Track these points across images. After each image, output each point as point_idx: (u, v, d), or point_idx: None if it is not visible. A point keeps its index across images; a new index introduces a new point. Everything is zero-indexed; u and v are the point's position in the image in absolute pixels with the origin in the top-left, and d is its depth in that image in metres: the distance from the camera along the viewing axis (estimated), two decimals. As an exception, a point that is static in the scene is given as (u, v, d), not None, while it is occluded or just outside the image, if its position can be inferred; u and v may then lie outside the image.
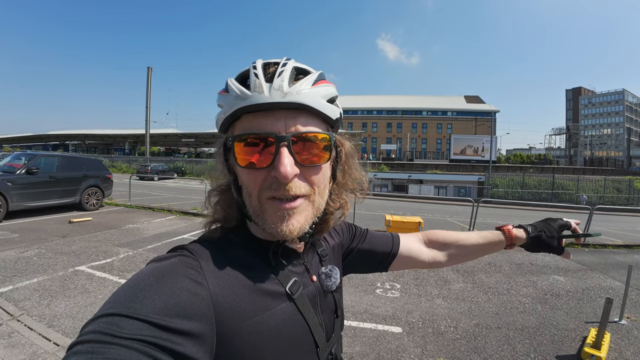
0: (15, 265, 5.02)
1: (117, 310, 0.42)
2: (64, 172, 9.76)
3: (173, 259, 0.52)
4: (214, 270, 0.53)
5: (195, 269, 0.51)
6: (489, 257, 6.85)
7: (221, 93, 0.59)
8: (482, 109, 64.51)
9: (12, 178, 8.38)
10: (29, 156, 9.41)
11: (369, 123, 70.56)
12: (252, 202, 0.57)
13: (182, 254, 0.54)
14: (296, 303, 0.60)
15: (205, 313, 0.47)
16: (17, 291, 4.09)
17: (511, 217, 15.57)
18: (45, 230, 7.36)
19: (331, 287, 0.71)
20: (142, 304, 0.43)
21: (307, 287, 0.65)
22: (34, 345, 2.99)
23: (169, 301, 0.44)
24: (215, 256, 0.56)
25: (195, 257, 0.54)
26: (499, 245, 0.96)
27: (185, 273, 0.49)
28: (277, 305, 0.57)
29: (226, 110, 0.57)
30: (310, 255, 0.72)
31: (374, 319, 3.87)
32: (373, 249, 0.91)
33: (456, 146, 49.20)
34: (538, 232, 0.95)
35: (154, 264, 0.51)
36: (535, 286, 5.23)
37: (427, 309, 4.16)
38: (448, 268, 5.94)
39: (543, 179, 33.40)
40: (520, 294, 4.85)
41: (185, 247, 0.56)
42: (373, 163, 44.94)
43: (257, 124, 0.55)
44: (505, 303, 4.48)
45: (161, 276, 0.48)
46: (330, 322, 0.71)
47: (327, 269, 0.72)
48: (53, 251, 5.83)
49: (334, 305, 0.73)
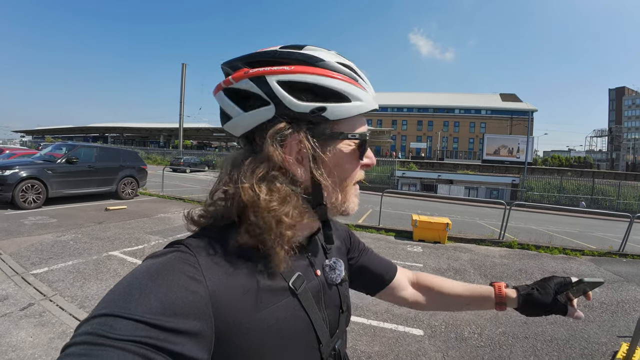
0: (52, 248, 5.32)
1: (111, 311, 0.41)
2: (102, 162, 10.27)
3: (169, 255, 0.50)
4: (213, 265, 0.51)
5: (192, 265, 0.49)
6: (520, 263, 6.60)
7: (352, 83, 0.58)
8: (519, 108, 61.87)
9: (52, 167, 8.93)
10: (69, 146, 9.98)
11: (399, 120, 69.40)
12: (347, 190, 0.61)
13: (179, 249, 0.52)
14: (299, 298, 0.59)
15: (203, 311, 0.46)
16: (52, 273, 4.34)
17: (546, 223, 14.89)
18: (82, 217, 7.76)
19: (335, 279, 0.69)
20: (137, 303, 0.42)
21: (310, 281, 0.64)
22: (64, 325, 3.14)
23: (165, 300, 0.43)
24: (213, 251, 0.53)
25: (192, 252, 0.51)
26: (486, 301, 0.89)
27: (181, 270, 0.48)
28: (279, 300, 0.56)
29: (366, 107, 0.59)
30: (314, 248, 0.70)
31: (395, 319, 3.81)
32: (370, 267, 0.90)
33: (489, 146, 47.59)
34: (530, 289, 0.85)
35: (150, 261, 0.50)
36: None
37: (451, 313, 4.03)
38: (475, 272, 5.78)
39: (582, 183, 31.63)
40: (551, 303, 4.60)
41: (182, 242, 0.54)
42: (402, 161, 44.22)
43: (364, 122, 0.62)
44: (535, 312, 4.27)
45: (157, 274, 0.46)
46: (335, 317, 0.69)
47: (331, 261, 0.71)
48: (89, 236, 6.14)
49: (338, 300, 0.71)
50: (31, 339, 2.87)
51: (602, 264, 7.01)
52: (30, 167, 8.49)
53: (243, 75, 0.55)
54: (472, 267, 6.09)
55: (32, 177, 8.34)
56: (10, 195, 7.91)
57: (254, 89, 0.54)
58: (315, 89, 0.54)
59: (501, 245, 8.02)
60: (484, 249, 7.69)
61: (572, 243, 9.17)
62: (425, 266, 5.93)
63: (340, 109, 0.56)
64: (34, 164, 8.82)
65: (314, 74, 0.54)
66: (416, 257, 6.50)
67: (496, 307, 0.87)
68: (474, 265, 6.18)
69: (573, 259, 7.36)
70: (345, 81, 0.56)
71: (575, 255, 7.62)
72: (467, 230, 9.92)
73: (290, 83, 0.54)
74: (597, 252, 7.89)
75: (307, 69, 0.54)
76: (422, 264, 6.07)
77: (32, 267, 4.47)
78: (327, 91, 0.55)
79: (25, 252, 5.04)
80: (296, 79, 0.54)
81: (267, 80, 0.53)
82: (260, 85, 0.54)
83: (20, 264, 4.57)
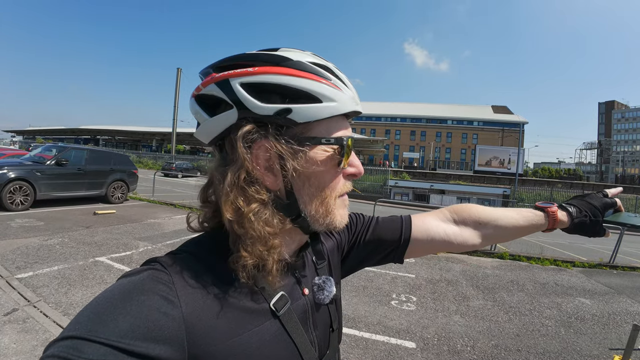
0: (38, 252, 5.19)
1: (79, 333, 0.39)
2: (92, 165, 10.10)
3: (143, 274, 0.47)
4: (188, 285, 0.47)
5: (166, 284, 0.46)
6: (512, 274, 6.59)
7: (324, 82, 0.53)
8: (510, 120, 62.98)
9: (41, 168, 8.75)
10: (59, 148, 9.84)
11: (392, 130, 70.18)
12: (327, 201, 0.55)
13: (154, 267, 0.48)
14: (281, 321, 0.54)
15: (176, 335, 0.43)
16: (37, 278, 4.22)
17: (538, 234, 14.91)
18: (70, 220, 7.61)
19: (323, 300, 0.63)
20: (106, 326, 0.39)
21: (296, 301, 0.59)
22: (47, 332, 3.05)
23: (135, 322, 0.40)
24: (190, 269, 0.49)
25: (167, 271, 0.48)
26: (539, 227, 0.86)
27: (154, 290, 0.44)
28: (259, 324, 0.52)
29: (340, 108, 0.54)
30: (303, 264, 0.64)
31: (387, 331, 3.75)
32: (380, 238, 0.80)
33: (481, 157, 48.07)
34: (583, 216, 0.85)
35: (123, 280, 0.46)
36: (559, 308, 4.97)
37: (443, 325, 4.01)
38: (467, 283, 5.75)
39: (572, 194, 32.00)
40: (543, 316, 4.61)
41: (158, 260, 0.50)
42: (395, 171, 44.40)
43: (345, 126, 0.57)
44: (527, 324, 4.26)
45: (127, 294, 0.43)
46: (325, 337, 0.65)
47: (320, 280, 0.65)
48: (76, 241, 6.01)
49: (329, 319, 0.66)
50: (14, 346, 2.79)
51: (592, 276, 7.04)
52: (19, 169, 8.32)
53: (210, 80, 0.53)
54: (465, 278, 6.07)
55: (20, 178, 8.17)
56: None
57: (220, 94, 0.51)
58: (281, 89, 0.50)
59: (493, 256, 8.02)
60: (475, 259, 7.68)
61: (563, 254, 9.21)
62: (417, 277, 5.89)
63: (308, 111, 0.51)
64: (22, 165, 8.65)
65: (279, 73, 0.50)
66: (408, 268, 6.46)
67: (546, 230, 0.87)
68: (466, 277, 6.16)
69: (564, 270, 7.39)
70: (314, 80, 0.52)
71: (566, 267, 7.65)
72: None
73: (253, 85, 0.50)
74: (588, 263, 7.92)
75: (271, 69, 0.50)
76: (414, 274, 6.03)
77: (17, 271, 4.35)
78: (293, 91, 0.50)
79: (10, 256, 4.91)
80: (259, 80, 0.50)
81: (231, 84, 0.50)
82: (225, 89, 0.51)
83: (6, 267, 4.45)
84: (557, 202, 0.87)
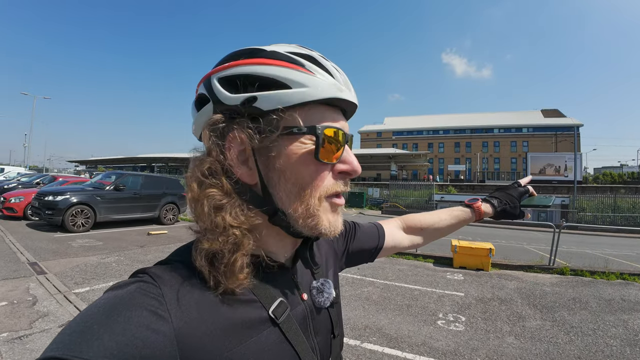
0: (96, 269, 5.61)
1: (60, 354, 0.36)
2: (147, 189, 10.94)
3: (130, 287, 0.44)
4: (180, 297, 0.45)
5: (156, 298, 0.43)
6: (573, 291, 6.02)
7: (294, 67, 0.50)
8: (563, 124, 58.94)
9: (101, 193, 9.63)
10: (118, 175, 10.72)
11: (435, 143, 68.47)
12: (310, 201, 0.51)
13: (142, 279, 0.46)
14: (281, 328, 0.52)
15: (168, 352, 0.40)
16: (93, 292, 4.54)
17: (601, 246, 13.66)
18: (126, 240, 8.18)
19: (324, 303, 0.61)
20: (90, 345, 0.37)
21: (295, 307, 0.57)
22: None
23: (122, 341, 0.38)
24: (182, 280, 0.47)
25: (157, 283, 0.45)
26: (469, 221, 1.03)
27: (143, 304, 0.42)
28: (258, 333, 0.49)
29: (313, 93, 0.49)
30: (300, 268, 0.62)
31: (433, 353, 3.54)
32: (362, 247, 0.88)
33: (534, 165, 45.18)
34: (504, 205, 1.03)
35: (109, 293, 0.44)
36: (625, 326, 4.45)
37: (495, 348, 3.72)
38: (523, 302, 5.32)
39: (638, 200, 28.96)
40: (607, 335, 4.14)
41: (146, 271, 0.47)
42: (440, 185, 42.97)
43: (332, 118, 0.53)
44: (590, 345, 3.85)
45: (114, 310, 0.40)
46: (327, 343, 0.62)
47: (318, 282, 0.63)
48: (130, 259, 6.42)
49: (330, 325, 0.63)
50: None
51: (668, 292, 6.27)
52: (80, 194, 9.19)
53: (201, 81, 0.54)
54: (520, 296, 5.63)
55: (82, 202, 9.00)
56: (60, 219, 8.58)
57: (204, 91, 0.53)
58: (250, 79, 0.49)
59: (552, 272, 7.41)
60: (532, 276, 7.13)
61: (631, 267, 8.32)
62: (466, 295, 5.56)
63: (274, 97, 0.48)
64: (84, 190, 9.52)
65: (250, 64, 0.50)
66: (457, 285, 6.13)
67: (475, 221, 1.04)
68: (522, 295, 5.72)
69: (631, 284, 6.65)
70: (283, 66, 0.49)
71: (634, 280, 6.88)
72: (513, 256, 9.27)
73: (227, 78, 0.51)
74: (660, 276, 7.09)
75: (244, 62, 0.50)
76: (463, 292, 5.70)
77: (75, 287, 4.71)
78: (262, 80, 0.49)
79: (70, 272, 5.34)
80: (232, 72, 0.50)
81: (211, 81, 0.52)
82: (207, 86, 0.52)
83: (64, 283, 4.84)
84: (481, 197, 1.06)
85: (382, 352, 3.52)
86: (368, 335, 3.89)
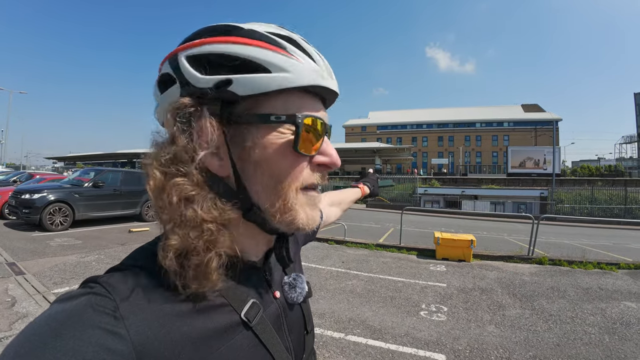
0: (75, 268, 5.46)
1: None
2: (127, 186, 10.65)
3: (80, 299, 0.38)
4: (139, 309, 0.39)
5: (110, 313, 0.37)
6: (552, 280, 6.21)
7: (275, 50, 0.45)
8: (542, 118, 60.44)
9: (79, 190, 9.35)
10: (96, 171, 10.42)
11: (419, 137, 69.17)
12: (286, 194, 0.46)
13: (93, 290, 0.39)
14: (255, 331, 0.48)
15: None
16: (73, 295, 4.40)
17: (579, 236, 14.12)
18: (106, 238, 7.98)
19: (297, 299, 0.58)
20: None
21: (268, 306, 0.53)
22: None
23: None
24: (140, 288, 0.41)
25: (111, 295, 0.39)
26: (359, 198, 1.30)
27: (94, 321, 0.36)
28: (229, 340, 0.45)
29: (295, 79, 0.45)
30: (272, 266, 0.58)
31: (416, 343, 3.60)
32: None
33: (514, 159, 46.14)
34: (372, 187, 1.34)
35: (57, 307, 0.38)
36: (603, 314, 4.61)
37: (476, 336, 3.80)
38: (503, 291, 5.46)
39: (614, 192, 29.95)
40: (586, 323, 4.28)
41: (98, 281, 0.41)
42: (424, 178, 43.48)
43: (312, 107, 0.49)
44: (568, 333, 3.97)
45: (61, 328, 0.35)
46: (300, 340, 0.60)
47: (290, 278, 0.60)
48: (111, 257, 6.27)
49: (302, 321, 0.61)
50: None
51: (639, 278, 6.53)
52: (58, 191, 8.89)
53: (165, 58, 0.48)
54: (500, 285, 5.77)
55: (60, 200, 8.73)
56: (38, 217, 8.30)
57: (169, 71, 0.47)
58: (225, 59, 0.44)
59: (531, 262, 7.61)
60: (512, 266, 7.31)
61: (607, 256, 8.63)
62: (449, 285, 5.66)
63: (252, 81, 0.43)
64: (61, 188, 9.23)
65: (224, 42, 0.44)
66: (439, 277, 6.23)
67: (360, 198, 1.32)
68: (502, 284, 5.85)
69: (609, 273, 6.89)
70: (263, 48, 0.44)
71: (611, 270, 7.14)
72: (494, 247, 9.49)
73: (197, 56, 0.45)
74: (634, 264, 7.37)
75: (217, 39, 0.45)
76: (445, 283, 5.80)
77: (54, 287, 4.59)
78: (238, 61, 0.44)
79: (48, 272, 5.19)
80: (203, 50, 0.45)
81: (177, 58, 0.46)
82: (172, 65, 0.46)
83: (43, 283, 4.70)
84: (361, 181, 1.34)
85: (366, 343, 3.55)
86: (352, 327, 3.91)
